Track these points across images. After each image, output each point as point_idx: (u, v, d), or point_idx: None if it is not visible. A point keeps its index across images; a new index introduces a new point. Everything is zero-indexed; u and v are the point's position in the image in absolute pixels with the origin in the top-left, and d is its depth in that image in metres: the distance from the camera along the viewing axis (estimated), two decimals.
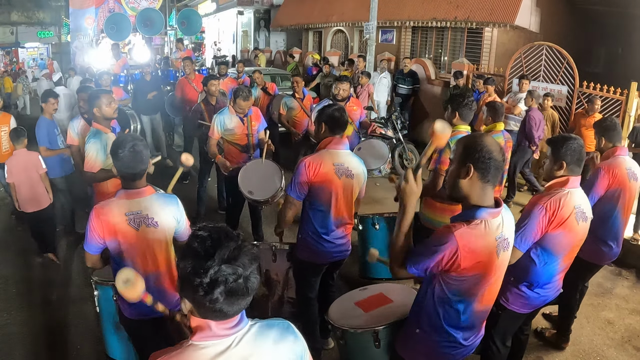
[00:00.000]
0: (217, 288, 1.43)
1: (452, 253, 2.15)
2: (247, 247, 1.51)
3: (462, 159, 2.26)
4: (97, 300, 3.59)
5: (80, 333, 4.50)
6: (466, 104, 4.06)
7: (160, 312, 3.01)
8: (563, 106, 8.83)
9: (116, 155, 2.81)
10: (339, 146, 3.56)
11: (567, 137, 3.12)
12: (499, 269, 2.34)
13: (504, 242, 2.29)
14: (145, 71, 10.49)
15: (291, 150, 8.20)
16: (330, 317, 3.02)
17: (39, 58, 28.70)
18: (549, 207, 2.93)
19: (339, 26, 16.74)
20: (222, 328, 1.53)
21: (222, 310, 1.48)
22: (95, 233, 2.76)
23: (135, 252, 2.83)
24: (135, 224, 2.79)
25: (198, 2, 27.93)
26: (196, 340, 1.53)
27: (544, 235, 2.97)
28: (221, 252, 1.45)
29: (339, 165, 3.50)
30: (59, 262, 5.76)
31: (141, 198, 2.85)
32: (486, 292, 2.36)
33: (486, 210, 2.23)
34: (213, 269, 1.43)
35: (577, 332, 4.56)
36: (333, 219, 3.59)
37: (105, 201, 2.87)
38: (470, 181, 2.24)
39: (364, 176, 3.71)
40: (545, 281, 3.14)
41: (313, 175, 3.45)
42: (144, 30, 14.50)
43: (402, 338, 2.61)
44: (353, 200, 3.68)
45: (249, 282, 1.49)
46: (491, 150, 2.21)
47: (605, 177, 3.82)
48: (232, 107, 5.37)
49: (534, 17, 10.93)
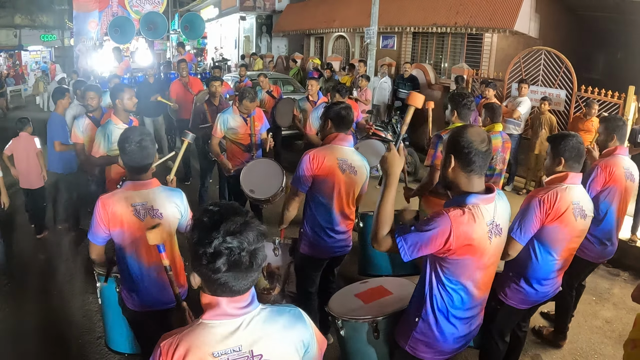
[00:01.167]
0: (220, 258, 1.47)
1: (446, 233, 2.19)
2: (255, 223, 1.54)
3: (446, 150, 2.35)
4: (99, 292, 3.60)
5: (82, 326, 4.54)
6: (465, 103, 4.13)
7: (164, 305, 3.06)
8: (561, 110, 8.90)
9: (123, 148, 2.87)
10: (343, 142, 3.62)
11: (565, 135, 3.19)
12: (493, 255, 2.39)
13: (496, 228, 2.33)
14: (149, 74, 10.58)
15: (294, 153, 8.25)
16: (331, 308, 3.05)
17: (42, 61, 28.74)
18: (545, 200, 3.00)
19: (340, 32, 16.84)
20: (233, 307, 1.55)
21: (228, 284, 1.51)
22: (102, 223, 2.80)
23: (140, 243, 2.87)
24: (140, 214, 2.83)
25: (200, 7, 28.07)
26: (206, 318, 1.55)
27: (541, 228, 3.03)
28: (227, 225, 1.48)
29: (343, 160, 3.55)
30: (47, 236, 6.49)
31: (147, 190, 2.90)
32: (482, 278, 2.40)
33: (476, 196, 2.28)
34: (217, 239, 1.46)
35: (575, 330, 4.61)
36: (335, 214, 3.64)
37: (111, 192, 2.92)
38: (453, 171, 2.31)
39: (367, 173, 3.75)
40: (543, 277, 3.18)
41: (317, 167, 3.50)
42: (147, 33, 14.59)
43: (401, 327, 2.64)
44: (355, 196, 3.72)
45: (253, 257, 1.51)
46: (471, 140, 2.26)
47: (602, 174, 3.87)
48: (236, 107, 5.44)
49: (533, 23, 11.02)
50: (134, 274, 2.95)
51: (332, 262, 3.94)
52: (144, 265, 2.94)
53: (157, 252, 2.93)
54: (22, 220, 6.88)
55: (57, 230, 6.63)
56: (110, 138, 4.61)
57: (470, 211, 2.24)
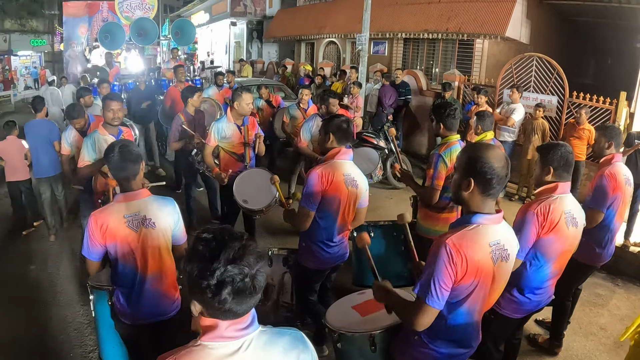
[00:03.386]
0: (225, 289, 1.44)
1: (450, 261, 2.17)
2: (252, 245, 1.51)
3: (464, 171, 2.29)
4: (92, 304, 3.55)
5: (72, 339, 4.47)
6: (448, 114, 4.05)
7: (158, 317, 3.02)
8: (553, 116, 8.93)
9: (108, 159, 2.89)
10: (346, 156, 3.60)
11: (554, 144, 3.19)
12: (497, 278, 2.34)
13: (502, 251, 2.30)
14: (140, 80, 10.52)
15: (287, 161, 8.22)
16: (328, 320, 3.01)
17: (32, 66, 28.57)
18: (539, 213, 2.99)
19: (331, 37, 16.87)
20: (233, 329, 1.52)
21: (232, 310, 1.48)
22: (95, 239, 2.78)
23: (135, 254, 2.85)
24: (134, 225, 2.82)
25: (191, 13, 28.04)
26: (205, 340, 1.52)
27: (537, 240, 3.02)
28: (226, 253, 1.45)
29: (347, 175, 3.54)
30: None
31: (138, 200, 2.88)
32: (485, 300, 2.38)
33: (483, 216, 2.26)
34: (219, 270, 1.43)
35: (570, 337, 4.60)
36: (337, 227, 3.65)
37: (102, 207, 2.91)
38: (470, 194, 2.28)
39: (366, 185, 3.73)
40: (536, 286, 3.17)
41: (327, 184, 3.45)
42: (137, 39, 14.53)
43: (399, 343, 2.61)
44: (355, 208, 3.71)
45: (255, 281, 1.49)
46: (493, 165, 2.21)
47: (611, 183, 3.89)
48: (230, 113, 5.36)
49: (524, 29, 11.08)
50: (129, 284, 2.92)
51: (331, 270, 3.95)
52: (139, 276, 2.91)
53: (153, 262, 2.92)
54: (5, 227, 6.84)
55: (44, 239, 6.55)
56: (94, 147, 4.62)
57: (472, 230, 2.22)
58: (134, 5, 16.97)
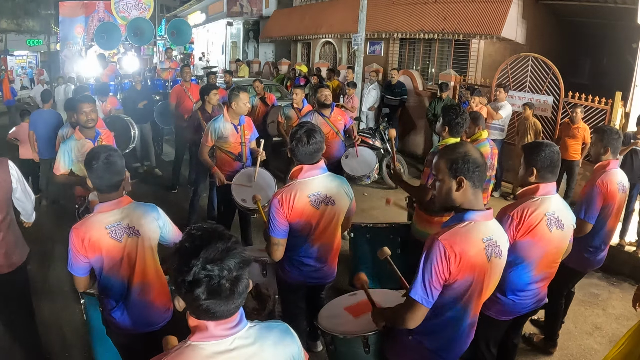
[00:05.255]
0: (199, 287, 1.43)
1: (443, 258, 2.17)
2: (237, 249, 1.50)
3: (453, 173, 2.31)
4: (84, 308, 3.53)
5: (69, 339, 4.46)
6: (457, 120, 4.00)
7: (148, 327, 2.94)
8: (549, 116, 8.95)
9: (90, 166, 2.73)
10: (311, 172, 3.22)
11: (539, 144, 3.10)
12: (491, 275, 2.35)
13: (494, 247, 2.31)
14: (136, 80, 10.50)
15: (282, 161, 8.21)
16: (320, 322, 2.99)
17: (28, 66, 28.50)
18: (515, 216, 2.93)
19: (327, 38, 16.87)
20: (221, 329, 1.52)
21: (210, 310, 1.47)
22: (79, 254, 2.68)
23: (121, 264, 2.77)
24: (117, 235, 2.72)
25: (187, 13, 28.01)
26: (194, 340, 1.52)
27: (514, 243, 2.95)
28: (207, 252, 1.44)
29: (315, 195, 3.20)
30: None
31: (119, 208, 2.78)
32: (480, 297, 2.38)
33: (475, 213, 2.28)
34: (196, 267, 1.43)
35: (565, 337, 4.61)
36: (312, 246, 3.36)
37: (82, 220, 2.79)
38: (463, 192, 2.31)
39: (348, 196, 3.40)
40: (518, 288, 3.11)
41: (288, 211, 3.14)
42: (134, 39, 14.50)
43: (393, 344, 2.61)
44: (337, 225, 3.41)
45: (235, 285, 1.47)
46: (476, 158, 2.30)
47: (601, 194, 3.79)
48: (227, 113, 5.36)
49: (520, 29, 11.10)
50: (116, 294, 2.84)
51: (311, 291, 3.67)
52: (125, 285, 2.83)
53: (139, 271, 2.81)
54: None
55: (38, 239, 6.51)
56: (71, 154, 4.49)
57: (465, 227, 2.23)
58: (130, 5, 16.92)
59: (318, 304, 3.82)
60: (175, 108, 8.54)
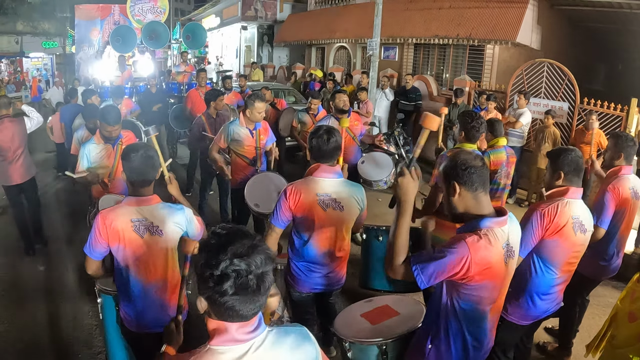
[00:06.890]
0: (227, 281, 1.44)
1: (463, 260, 2.15)
2: (263, 246, 1.52)
3: (446, 180, 2.34)
4: (100, 307, 3.55)
5: (81, 340, 4.49)
6: (473, 126, 4.07)
7: (163, 327, 2.97)
8: (564, 122, 8.90)
9: (128, 158, 2.82)
10: (326, 174, 3.27)
11: (564, 149, 3.21)
12: (506, 277, 2.37)
13: (510, 251, 2.31)
14: (151, 84, 10.59)
15: (296, 165, 8.23)
16: (337, 328, 2.98)
17: (43, 69, 28.75)
18: (546, 213, 2.99)
19: (342, 42, 16.89)
20: (241, 332, 1.52)
21: (234, 309, 1.48)
22: (101, 237, 2.75)
23: (139, 260, 2.82)
24: (140, 231, 2.78)
25: (202, 17, 28.19)
26: (214, 344, 1.52)
27: (541, 241, 3.01)
28: (234, 247, 1.46)
29: (324, 195, 3.24)
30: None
31: (148, 206, 2.85)
32: (498, 301, 2.38)
33: (490, 220, 2.26)
34: (225, 262, 1.44)
35: (580, 346, 4.55)
36: (318, 252, 3.37)
37: (112, 207, 2.88)
38: (460, 197, 2.29)
39: (359, 205, 3.40)
40: (543, 292, 3.16)
41: (294, 204, 3.21)
42: (149, 43, 14.62)
43: (412, 352, 2.60)
44: (347, 231, 3.43)
45: (261, 281, 1.48)
46: (466, 160, 2.29)
47: (613, 199, 3.80)
48: (243, 118, 5.40)
49: (535, 35, 11.06)
50: (133, 291, 2.88)
51: (319, 296, 3.65)
52: (143, 283, 2.87)
53: (157, 270, 2.88)
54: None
55: (53, 240, 6.61)
56: (89, 157, 4.64)
57: (487, 235, 2.21)
58: (146, 8, 17.06)
59: (328, 308, 3.87)
60: (190, 112, 8.60)
